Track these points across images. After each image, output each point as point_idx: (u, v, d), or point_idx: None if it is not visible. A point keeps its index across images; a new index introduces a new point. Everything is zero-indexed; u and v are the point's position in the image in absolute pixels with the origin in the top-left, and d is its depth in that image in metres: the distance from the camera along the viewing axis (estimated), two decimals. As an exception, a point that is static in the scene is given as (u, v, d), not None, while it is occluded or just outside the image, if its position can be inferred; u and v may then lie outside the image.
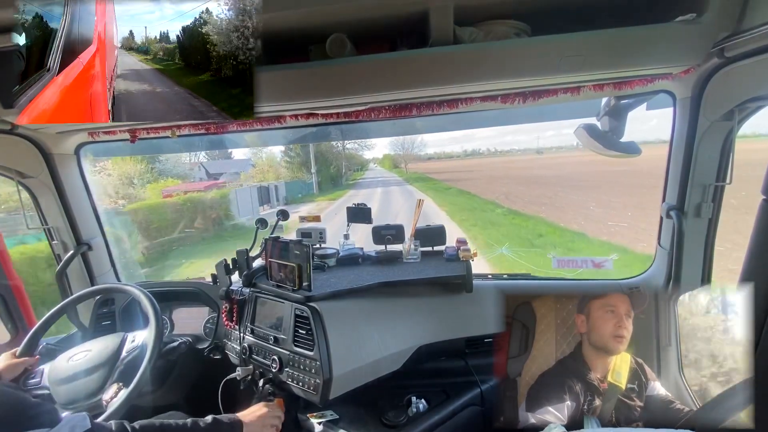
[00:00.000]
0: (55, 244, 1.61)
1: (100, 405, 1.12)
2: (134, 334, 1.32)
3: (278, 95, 1.00)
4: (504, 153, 32.13)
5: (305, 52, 1.01)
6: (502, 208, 13.18)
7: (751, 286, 0.79)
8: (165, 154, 14.65)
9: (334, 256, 1.54)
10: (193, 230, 10.93)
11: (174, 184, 15.01)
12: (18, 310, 1.54)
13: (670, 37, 0.88)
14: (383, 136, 5.06)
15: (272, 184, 17.80)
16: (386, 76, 0.96)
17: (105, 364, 1.20)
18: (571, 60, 0.91)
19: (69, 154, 1.54)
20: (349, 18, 0.91)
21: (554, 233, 9.62)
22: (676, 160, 1.19)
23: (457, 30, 0.92)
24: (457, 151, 36.91)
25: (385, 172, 37.01)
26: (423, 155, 32.84)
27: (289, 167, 23.59)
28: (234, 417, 1.01)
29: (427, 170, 31.72)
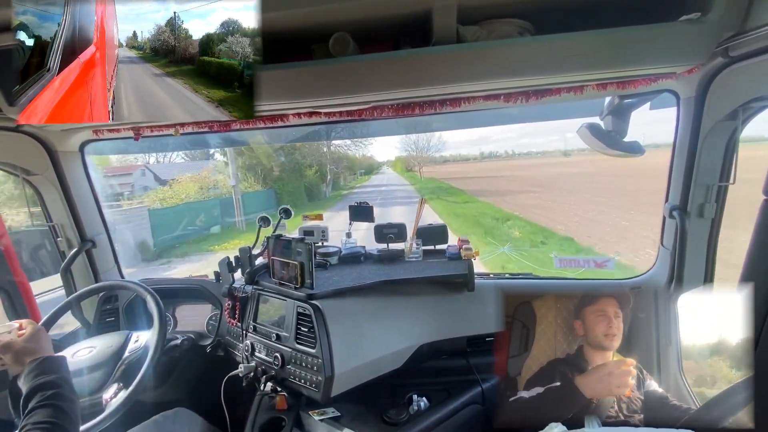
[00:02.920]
0: (60, 240, 1.62)
1: (100, 403, 1.13)
2: (138, 334, 1.33)
3: (281, 94, 1.00)
4: (522, 155, 26.60)
5: (308, 50, 1.02)
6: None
7: (751, 286, 0.79)
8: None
9: (336, 255, 1.55)
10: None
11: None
12: (23, 306, 1.55)
13: (675, 36, 0.87)
14: (384, 135, 4.88)
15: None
16: (389, 75, 0.96)
17: (107, 362, 1.21)
18: (575, 59, 0.91)
19: (74, 151, 1.55)
20: (352, 17, 0.91)
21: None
22: (680, 159, 1.19)
23: (460, 29, 0.92)
24: (473, 154, 29.78)
25: (394, 177, 28.43)
26: (438, 157, 27.93)
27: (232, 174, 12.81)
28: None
29: (445, 175, 24.20)
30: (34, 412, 0.74)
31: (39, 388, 0.78)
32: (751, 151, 1.30)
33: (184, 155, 16.69)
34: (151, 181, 14.87)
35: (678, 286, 1.23)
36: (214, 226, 11.55)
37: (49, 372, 0.82)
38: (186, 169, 14.47)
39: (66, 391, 0.80)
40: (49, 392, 0.77)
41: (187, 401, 1.51)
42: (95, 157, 1.71)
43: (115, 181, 13.10)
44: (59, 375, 0.83)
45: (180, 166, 16.02)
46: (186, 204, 11.89)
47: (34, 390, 0.78)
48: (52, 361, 0.86)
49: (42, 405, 0.75)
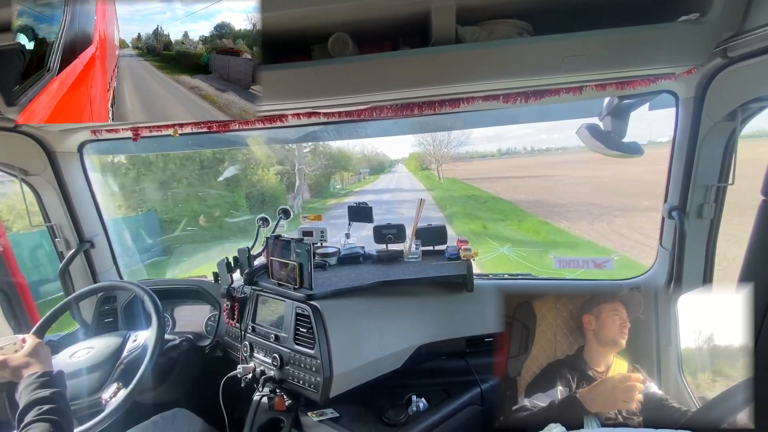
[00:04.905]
0: (58, 241, 1.62)
1: (99, 403, 1.13)
2: (136, 334, 1.32)
3: (280, 94, 1.00)
4: (542, 152, 21.40)
5: (307, 51, 1.02)
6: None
7: (750, 286, 0.79)
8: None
9: (335, 255, 1.55)
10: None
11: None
12: (21, 307, 1.55)
13: (673, 37, 0.87)
14: (384, 135, 4.50)
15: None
16: (388, 75, 0.96)
17: (106, 362, 1.21)
18: (574, 60, 0.91)
19: (72, 152, 1.55)
20: (352, 17, 0.91)
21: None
22: (679, 160, 1.19)
23: (459, 29, 0.92)
24: (491, 150, 23.91)
25: (405, 179, 20.92)
26: (464, 153, 20.92)
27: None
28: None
29: (466, 175, 18.05)
30: (29, 426, 0.75)
31: (35, 403, 0.79)
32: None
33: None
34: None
35: (677, 287, 1.23)
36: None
37: (46, 387, 0.83)
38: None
39: (62, 406, 0.82)
40: (45, 407, 0.78)
41: (186, 402, 1.50)
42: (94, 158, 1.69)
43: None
44: (56, 390, 0.84)
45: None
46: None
47: (30, 404, 0.79)
48: (50, 376, 0.87)
49: (38, 420, 0.76)
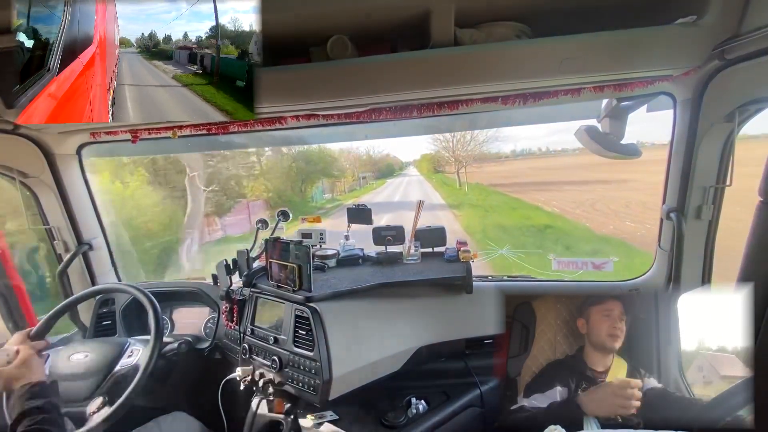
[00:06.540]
0: (57, 243, 1.62)
1: (84, 413, 1.11)
2: (133, 349, 1.31)
3: (279, 96, 1.01)
4: (558, 153, 17.60)
5: (306, 53, 1.02)
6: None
7: (749, 286, 0.79)
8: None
9: (334, 257, 1.55)
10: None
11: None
12: (19, 309, 1.54)
13: (671, 39, 0.88)
14: (383, 136, 4.30)
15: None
16: (387, 77, 0.97)
17: (100, 371, 1.21)
18: (572, 62, 0.92)
19: (71, 154, 1.54)
20: (351, 19, 0.92)
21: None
22: (677, 161, 1.19)
23: (458, 32, 0.92)
24: (505, 151, 18.23)
25: (415, 184, 14.66)
26: (493, 154, 13.68)
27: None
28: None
29: (490, 180, 12.31)
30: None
31: (27, 413, 0.79)
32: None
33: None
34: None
35: (676, 288, 1.24)
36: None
37: (38, 397, 0.83)
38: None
39: (55, 416, 0.82)
40: (38, 417, 0.79)
41: (185, 405, 1.49)
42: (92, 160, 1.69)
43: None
44: (48, 400, 0.84)
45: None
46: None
47: (22, 414, 0.79)
48: (42, 386, 0.87)
49: (30, 429, 0.76)
